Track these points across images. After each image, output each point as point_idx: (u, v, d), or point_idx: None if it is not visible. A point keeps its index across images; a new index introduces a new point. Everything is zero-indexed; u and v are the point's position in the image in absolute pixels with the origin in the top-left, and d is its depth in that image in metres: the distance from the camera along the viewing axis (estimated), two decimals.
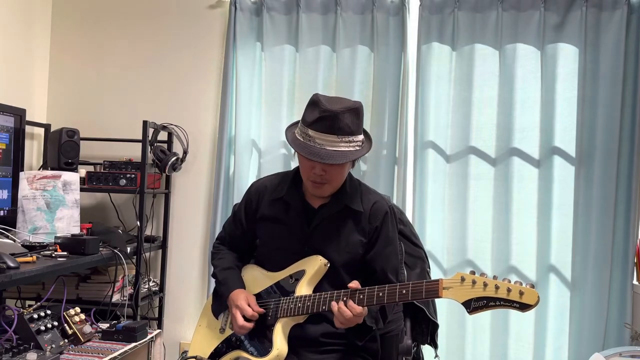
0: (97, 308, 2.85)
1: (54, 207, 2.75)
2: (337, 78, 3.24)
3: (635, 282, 2.97)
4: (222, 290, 2.06)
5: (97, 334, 2.64)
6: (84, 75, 3.53)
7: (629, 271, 2.97)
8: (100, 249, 2.76)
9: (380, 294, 1.80)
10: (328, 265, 1.95)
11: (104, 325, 2.70)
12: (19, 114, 2.92)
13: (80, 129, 3.10)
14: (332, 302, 1.83)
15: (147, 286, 3.23)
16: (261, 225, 2.07)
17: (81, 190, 2.92)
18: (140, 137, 3.12)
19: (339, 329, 1.90)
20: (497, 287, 1.65)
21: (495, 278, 1.67)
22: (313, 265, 1.95)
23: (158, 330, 2.90)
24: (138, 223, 3.08)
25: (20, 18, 3.28)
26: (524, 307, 1.63)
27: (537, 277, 3.07)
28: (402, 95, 3.18)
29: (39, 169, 3.25)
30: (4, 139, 2.82)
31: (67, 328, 2.51)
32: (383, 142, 3.18)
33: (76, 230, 2.80)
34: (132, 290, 3.03)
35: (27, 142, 3.15)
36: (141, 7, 3.49)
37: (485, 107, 3.14)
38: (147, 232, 3.29)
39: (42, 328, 2.34)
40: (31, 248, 2.54)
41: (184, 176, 3.42)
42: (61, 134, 3.01)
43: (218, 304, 2.10)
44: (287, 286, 1.98)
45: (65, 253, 2.55)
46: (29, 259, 2.36)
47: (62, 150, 3.00)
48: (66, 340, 2.46)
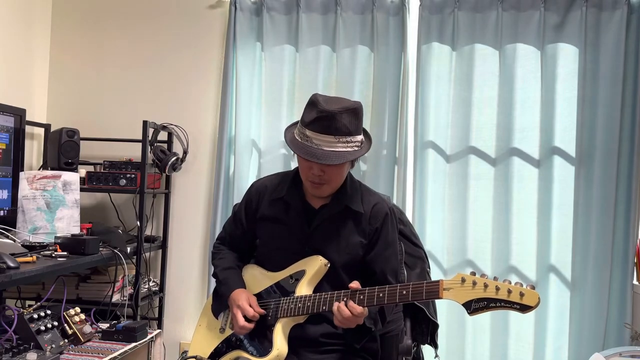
0: (97, 308, 2.85)
1: (54, 207, 2.74)
2: (337, 78, 3.24)
3: (635, 282, 2.97)
4: (222, 290, 2.06)
5: (97, 334, 2.64)
6: (84, 75, 3.53)
7: (629, 271, 2.97)
8: (100, 249, 2.76)
9: (381, 295, 1.80)
10: (328, 265, 1.95)
11: (104, 325, 2.70)
12: (19, 114, 2.92)
13: (80, 129, 3.10)
14: (332, 302, 1.83)
15: (147, 286, 3.23)
16: (261, 225, 2.07)
17: (81, 190, 2.92)
18: (140, 137, 3.12)
19: (339, 329, 1.90)
20: (497, 289, 1.65)
21: (495, 279, 1.67)
22: (313, 265, 1.95)
23: (158, 330, 2.90)
24: (138, 223, 3.08)
25: (20, 18, 3.28)
26: (524, 308, 1.62)
27: (537, 277, 3.08)
28: (402, 95, 3.18)
29: (39, 169, 3.25)
30: (4, 139, 2.82)
31: (67, 328, 2.50)
32: (383, 142, 3.18)
33: (76, 230, 2.80)
34: (132, 290, 3.03)
35: (27, 142, 3.15)
36: (141, 7, 3.49)
37: (485, 107, 3.14)
38: (147, 232, 3.29)
39: (42, 328, 2.34)
40: (31, 248, 2.53)
41: (184, 176, 3.42)
42: (61, 134, 3.01)
43: (218, 304, 2.10)
44: (287, 286, 1.98)
45: (65, 253, 2.55)
46: (29, 259, 2.36)
47: (62, 150, 3.00)
48: (66, 340, 2.46)
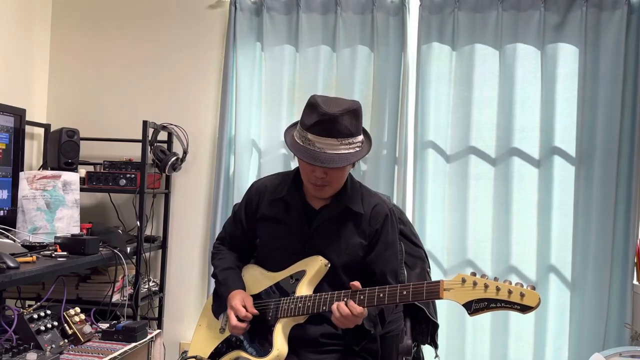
0: (97, 308, 2.85)
1: (54, 207, 2.74)
2: (337, 78, 3.24)
3: (635, 282, 2.97)
4: (222, 290, 2.05)
5: (97, 334, 2.64)
6: (84, 75, 3.53)
7: (629, 271, 2.97)
8: (100, 249, 2.76)
9: (381, 295, 1.79)
10: (329, 265, 1.95)
11: (104, 325, 2.69)
12: (19, 114, 2.92)
13: (80, 129, 3.10)
14: (333, 302, 1.83)
15: (147, 286, 3.23)
16: (261, 225, 2.07)
17: (81, 190, 2.92)
18: (140, 137, 3.12)
19: (339, 329, 1.90)
20: (498, 289, 1.64)
21: (496, 279, 1.67)
22: (313, 265, 1.95)
23: (158, 330, 2.90)
24: (138, 223, 3.07)
25: (20, 18, 3.28)
26: (524, 309, 1.62)
27: (537, 277, 3.08)
28: (402, 95, 3.18)
29: (39, 169, 3.25)
30: (4, 139, 2.82)
31: (67, 328, 2.50)
32: (383, 142, 3.18)
33: (76, 230, 2.80)
34: (132, 290, 3.03)
35: (27, 142, 3.15)
36: (141, 7, 3.49)
37: (485, 107, 3.14)
38: (147, 232, 3.29)
39: (42, 328, 2.34)
40: (31, 248, 2.53)
41: (184, 176, 3.42)
42: (61, 134, 3.01)
43: (218, 304, 2.09)
44: (287, 286, 1.97)
45: (65, 253, 2.55)
46: (29, 259, 2.36)
47: (62, 150, 3.00)
48: (66, 340, 2.46)
